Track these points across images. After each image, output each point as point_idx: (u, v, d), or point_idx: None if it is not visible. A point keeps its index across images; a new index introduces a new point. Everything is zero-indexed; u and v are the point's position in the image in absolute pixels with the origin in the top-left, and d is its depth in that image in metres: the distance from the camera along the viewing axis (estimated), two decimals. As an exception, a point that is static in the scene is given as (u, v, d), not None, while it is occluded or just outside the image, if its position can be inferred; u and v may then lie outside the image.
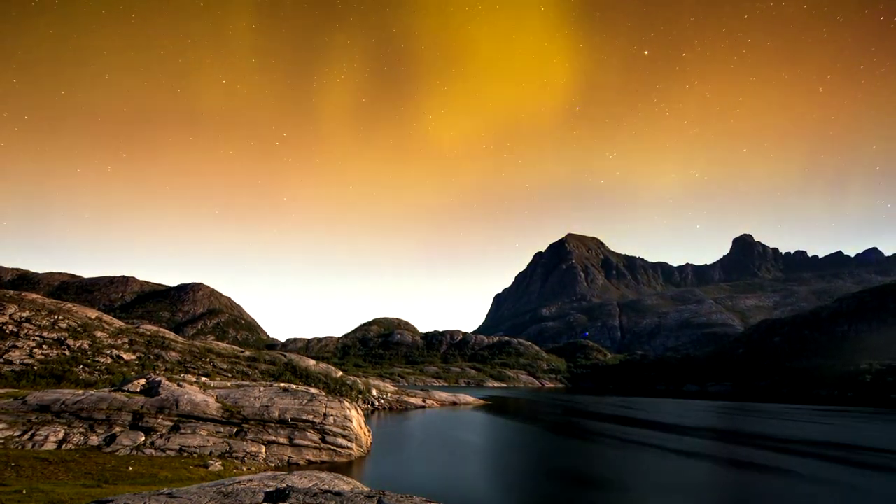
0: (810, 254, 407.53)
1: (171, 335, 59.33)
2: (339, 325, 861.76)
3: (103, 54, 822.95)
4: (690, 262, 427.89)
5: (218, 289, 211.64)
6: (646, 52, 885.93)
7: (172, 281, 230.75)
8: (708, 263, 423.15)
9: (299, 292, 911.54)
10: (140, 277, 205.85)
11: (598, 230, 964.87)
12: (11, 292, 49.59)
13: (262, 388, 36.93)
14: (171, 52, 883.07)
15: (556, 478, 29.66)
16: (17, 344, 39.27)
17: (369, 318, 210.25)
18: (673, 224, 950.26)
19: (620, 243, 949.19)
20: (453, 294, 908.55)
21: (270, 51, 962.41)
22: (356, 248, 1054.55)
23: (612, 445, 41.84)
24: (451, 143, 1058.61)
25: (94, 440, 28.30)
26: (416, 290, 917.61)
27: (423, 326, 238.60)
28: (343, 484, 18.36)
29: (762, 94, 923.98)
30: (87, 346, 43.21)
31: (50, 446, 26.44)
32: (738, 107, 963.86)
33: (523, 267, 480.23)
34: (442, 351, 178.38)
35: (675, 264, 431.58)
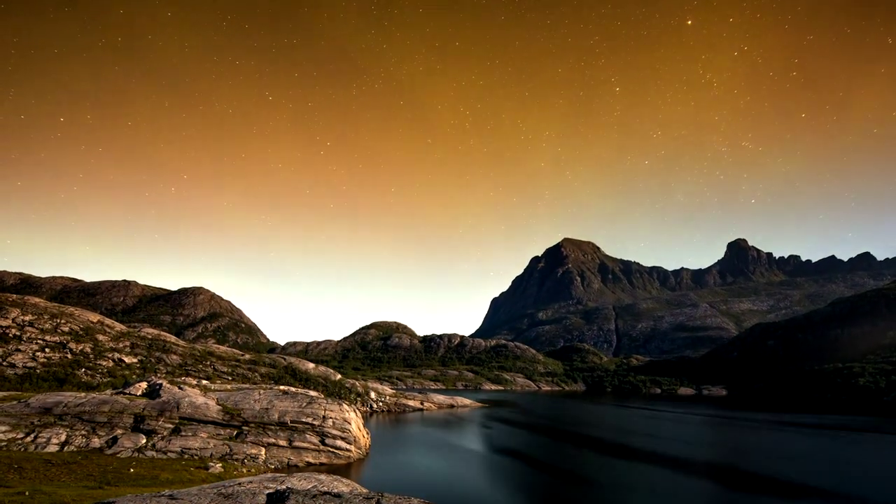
0: (804, 258, 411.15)
1: (172, 338, 59.64)
2: (338, 328, 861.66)
3: (161, 83, 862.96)
4: (685, 267, 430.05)
5: (218, 293, 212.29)
6: (689, 22, 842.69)
7: (173, 285, 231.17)
8: (703, 268, 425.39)
9: (299, 296, 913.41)
10: (141, 282, 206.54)
11: (595, 235, 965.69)
12: (14, 296, 49.80)
13: (261, 391, 37.36)
14: (222, 75, 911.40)
15: (552, 479, 30.26)
16: (19, 347, 39.57)
17: (368, 322, 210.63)
18: (669, 228, 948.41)
19: (616, 248, 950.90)
20: (451, 298, 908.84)
21: (311, 63, 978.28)
22: (355, 253, 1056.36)
23: (602, 448, 42.53)
24: (458, 146, 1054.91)
25: (96, 442, 28.69)
26: (415, 294, 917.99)
27: (422, 330, 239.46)
28: (342, 486, 18.92)
29: (822, 53, 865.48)
30: (88, 350, 43.48)
31: (52, 448, 26.79)
32: (795, 69, 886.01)
33: (520, 271, 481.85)
34: (440, 354, 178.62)
35: (670, 268, 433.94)
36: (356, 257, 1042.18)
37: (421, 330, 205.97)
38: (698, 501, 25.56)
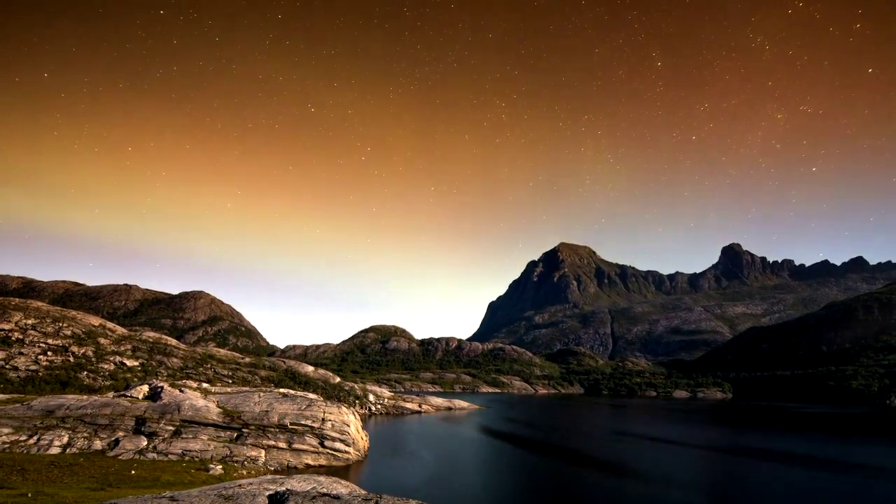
0: (797, 262, 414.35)
1: (173, 342, 59.93)
2: (337, 332, 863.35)
3: (214, 105, 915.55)
4: (681, 271, 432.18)
5: (219, 297, 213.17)
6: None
7: (174, 289, 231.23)
8: (698, 272, 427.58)
9: (298, 300, 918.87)
10: (143, 286, 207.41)
11: (591, 239, 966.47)
12: (17, 300, 50.03)
13: (261, 394, 37.71)
14: (268, 93, 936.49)
15: (546, 480, 30.84)
16: (22, 351, 39.79)
17: (367, 326, 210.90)
18: (665, 233, 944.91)
19: (612, 252, 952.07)
20: (449, 302, 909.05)
21: (349, 72, 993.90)
22: (354, 257, 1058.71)
23: (591, 450, 43.18)
24: (494, 139, 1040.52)
25: (98, 444, 29.01)
26: (413, 298, 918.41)
27: (420, 333, 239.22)
28: (341, 487, 19.44)
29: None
30: (90, 353, 43.73)
31: (55, 451, 27.12)
32: (858, 20, 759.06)
33: (517, 275, 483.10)
34: (438, 357, 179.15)
35: (665, 273, 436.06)
36: (355, 262, 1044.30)
37: (419, 334, 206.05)
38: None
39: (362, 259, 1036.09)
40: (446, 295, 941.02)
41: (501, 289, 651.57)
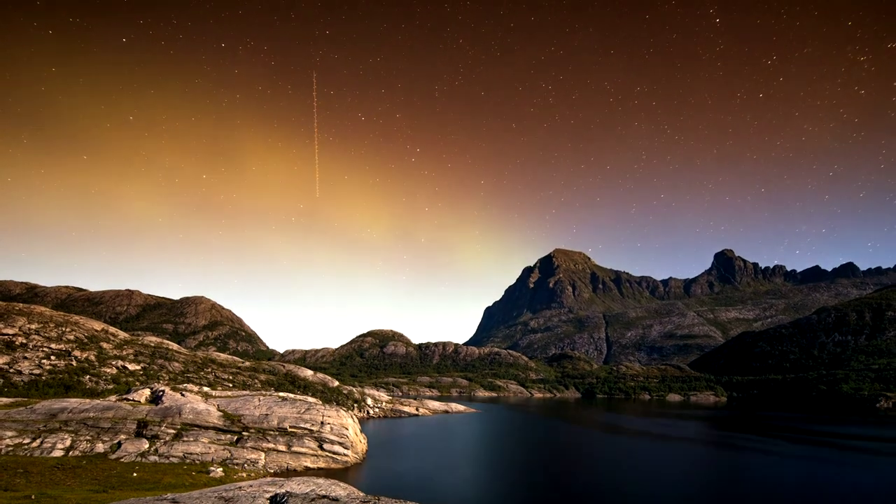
0: (788, 268, 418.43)
1: (175, 346, 60.26)
2: (335, 336, 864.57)
3: (273, 124, 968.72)
4: (674, 276, 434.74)
5: (219, 302, 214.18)
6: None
7: (175, 294, 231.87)
8: (690, 277, 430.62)
9: (297, 305, 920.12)
10: (144, 291, 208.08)
11: (586, 245, 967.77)
12: (20, 305, 50.32)
13: (261, 398, 38.25)
14: (321, 108, 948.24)
15: (542, 482, 31.61)
16: (26, 355, 40.09)
17: (365, 330, 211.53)
18: (659, 239, 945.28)
19: (607, 258, 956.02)
20: (446, 307, 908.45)
21: (394, 77, 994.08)
22: (352, 261, 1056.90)
23: (588, 452, 44.02)
24: (542, 124, 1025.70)
25: (101, 447, 29.49)
26: (410, 303, 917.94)
27: (417, 338, 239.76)
28: (340, 489, 20.06)
29: None
30: (93, 357, 44.03)
31: (58, 453, 27.61)
32: None
33: (513, 281, 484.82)
34: (435, 362, 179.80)
35: (659, 278, 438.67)
36: (353, 266, 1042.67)
37: (416, 338, 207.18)
38: None
39: (363, 262, 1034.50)
40: (443, 301, 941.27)
41: (498, 294, 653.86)
